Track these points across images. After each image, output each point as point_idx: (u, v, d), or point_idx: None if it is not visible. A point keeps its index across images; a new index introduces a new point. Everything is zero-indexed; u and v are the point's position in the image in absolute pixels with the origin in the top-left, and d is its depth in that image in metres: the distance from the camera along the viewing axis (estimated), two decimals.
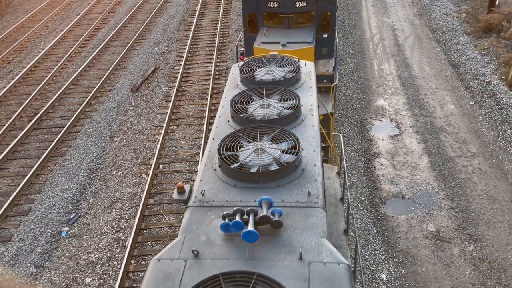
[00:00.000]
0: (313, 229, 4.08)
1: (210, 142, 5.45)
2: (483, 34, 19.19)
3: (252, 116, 5.58)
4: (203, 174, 4.89)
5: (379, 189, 12.13)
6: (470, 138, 13.84)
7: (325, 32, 12.28)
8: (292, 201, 4.41)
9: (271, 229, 4.02)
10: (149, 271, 3.74)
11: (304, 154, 4.99)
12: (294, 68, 6.81)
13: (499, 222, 10.81)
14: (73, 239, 10.63)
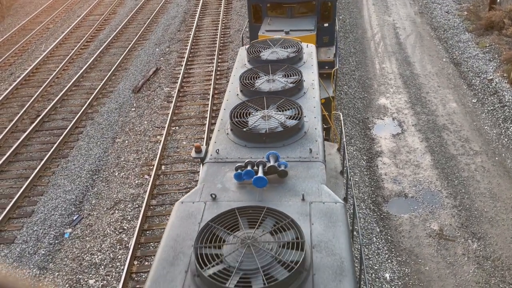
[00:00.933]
0: (314, 177, 4.79)
1: (222, 112, 6.15)
2: (485, 31, 19.14)
3: (259, 89, 6.26)
4: (217, 137, 5.58)
5: (381, 188, 12.11)
6: (472, 136, 13.79)
7: (326, 22, 12.85)
8: (296, 157, 5.10)
9: (278, 178, 4.71)
10: (174, 212, 4.42)
11: (306, 120, 5.66)
12: (296, 49, 7.48)
13: (502, 220, 10.77)
14: (76, 241, 10.64)
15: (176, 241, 4.03)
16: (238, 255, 3.60)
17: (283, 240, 3.74)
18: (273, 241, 3.73)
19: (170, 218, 4.36)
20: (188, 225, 4.21)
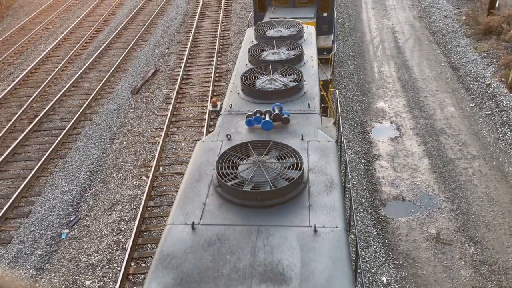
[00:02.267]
0: (312, 124, 5.95)
1: (233, 77, 7.36)
2: (483, 36, 19.21)
3: (266, 59, 7.37)
4: (229, 96, 6.81)
5: (379, 191, 12.13)
6: (470, 140, 13.83)
7: (325, 11, 13.95)
8: (297, 110, 6.27)
9: (282, 125, 5.85)
10: (196, 148, 5.62)
11: (306, 83, 6.85)
12: (298, 28, 8.69)
13: (499, 225, 10.79)
14: (73, 242, 10.62)
15: (200, 166, 5.21)
16: (251, 171, 4.69)
17: (286, 163, 4.83)
18: (278, 163, 4.83)
19: (193, 154, 5.57)
20: (209, 156, 5.36)
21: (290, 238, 4.15)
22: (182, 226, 4.43)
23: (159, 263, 3.98)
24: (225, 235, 4.23)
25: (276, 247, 4.07)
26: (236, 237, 4.19)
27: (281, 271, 3.81)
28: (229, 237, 4.20)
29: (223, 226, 4.34)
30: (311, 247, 4.06)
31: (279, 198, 4.50)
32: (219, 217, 4.44)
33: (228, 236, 4.21)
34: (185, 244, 4.17)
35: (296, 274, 3.78)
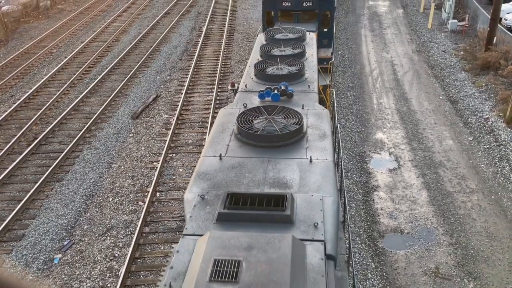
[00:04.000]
0: (310, 100, 7.59)
1: (247, 68, 9.17)
2: (481, 71, 19.50)
3: (274, 54, 9.12)
4: (244, 80, 8.52)
5: (377, 223, 12.01)
6: (469, 174, 13.81)
7: (326, 27, 15.70)
8: (299, 90, 7.91)
9: (287, 98, 7.46)
10: (219, 113, 7.20)
11: (307, 72, 8.56)
12: (301, 33, 10.51)
13: (499, 260, 10.64)
14: (65, 267, 10.42)
15: (223, 123, 6.82)
16: (263, 124, 6.34)
17: (290, 120, 6.43)
18: (284, 120, 6.43)
19: (217, 117, 7.09)
20: (230, 117, 6.94)
21: (292, 165, 5.71)
22: (212, 157, 5.97)
23: (197, 177, 5.54)
24: (244, 163, 5.78)
25: (282, 170, 5.61)
26: (252, 164, 5.76)
27: (285, 182, 5.34)
28: (247, 164, 5.75)
29: (243, 158, 5.90)
30: (307, 169, 5.62)
31: (284, 141, 6.11)
32: (239, 153, 6.03)
33: (246, 164, 5.76)
34: (215, 167, 5.73)
35: (296, 184, 5.31)
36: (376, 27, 27.86)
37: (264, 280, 3.62)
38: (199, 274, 3.69)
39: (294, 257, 3.92)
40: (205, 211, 4.85)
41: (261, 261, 3.83)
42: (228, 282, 3.58)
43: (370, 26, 28.00)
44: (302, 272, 3.92)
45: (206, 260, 3.84)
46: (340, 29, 26.85)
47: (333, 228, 4.68)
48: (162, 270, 4.08)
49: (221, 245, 4.01)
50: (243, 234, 4.15)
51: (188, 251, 4.23)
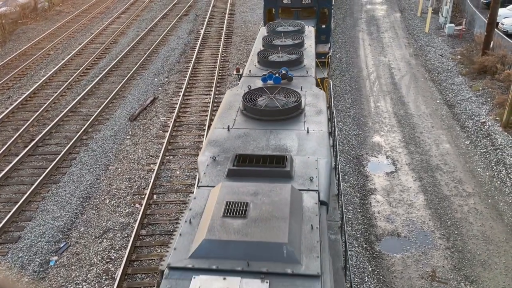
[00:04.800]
0: (308, 83, 8.35)
1: (250, 56, 9.94)
2: (478, 75, 19.57)
3: (276, 44, 9.95)
4: (248, 67, 9.33)
5: (374, 226, 12.01)
6: (465, 178, 13.84)
7: (324, 24, 16.58)
8: (298, 75, 8.66)
9: (287, 82, 8.18)
10: (226, 94, 7.96)
11: (305, 59, 9.38)
12: (301, 26, 11.40)
13: (495, 264, 10.66)
14: (61, 269, 10.38)
15: (230, 102, 7.62)
16: (265, 101, 7.09)
17: (290, 98, 7.21)
18: (284, 98, 7.21)
19: (224, 98, 7.87)
20: (236, 97, 7.72)
21: (291, 135, 6.54)
22: (220, 129, 6.77)
23: (208, 144, 6.35)
24: (249, 133, 6.61)
25: (282, 138, 6.43)
26: (257, 134, 6.57)
27: (285, 148, 6.16)
28: (252, 134, 6.58)
29: (248, 129, 6.74)
30: (305, 138, 6.43)
31: (285, 115, 6.93)
32: (245, 125, 6.86)
33: (251, 134, 6.59)
34: (224, 136, 6.54)
35: (295, 149, 6.13)
36: (373, 30, 27.95)
37: (268, 216, 4.47)
38: (214, 212, 4.54)
39: (293, 200, 4.76)
40: (216, 169, 5.72)
41: (265, 203, 4.68)
42: (238, 217, 4.46)
43: (367, 30, 28.09)
44: (299, 212, 4.75)
45: (220, 202, 4.69)
46: (338, 33, 26.92)
47: (325, 181, 5.51)
48: (179, 220, 5.35)
49: (232, 191, 4.89)
50: (250, 184, 5.04)
51: (203, 198, 5.10)
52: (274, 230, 4.30)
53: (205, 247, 4.21)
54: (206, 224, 4.43)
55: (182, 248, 4.34)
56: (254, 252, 4.16)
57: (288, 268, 4.06)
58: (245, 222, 4.40)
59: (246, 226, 4.35)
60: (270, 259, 4.14)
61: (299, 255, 4.19)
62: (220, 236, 4.25)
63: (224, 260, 4.14)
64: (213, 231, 4.29)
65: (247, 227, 4.35)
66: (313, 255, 4.22)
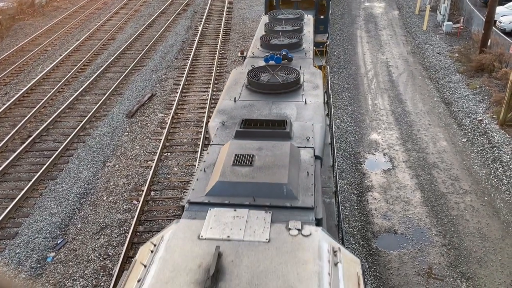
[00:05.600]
0: (306, 63, 9.27)
1: (254, 40, 11.11)
2: (475, 73, 19.62)
3: (277, 29, 11.10)
4: (252, 49, 10.37)
5: (371, 223, 12.06)
6: (462, 175, 13.90)
7: (322, 15, 17.66)
8: (297, 56, 9.56)
9: (287, 62, 9.05)
10: (232, 72, 8.85)
11: (304, 43, 10.41)
12: (300, 14, 12.75)
13: (491, 261, 10.72)
14: (58, 265, 10.38)
15: (235, 79, 8.49)
16: (268, 77, 8.06)
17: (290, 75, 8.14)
18: (285, 75, 8.09)
19: (230, 76, 8.77)
20: (241, 75, 8.67)
21: (291, 105, 7.44)
22: (228, 100, 7.66)
23: (217, 112, 7.25)
24: (253, 104, 7.52)
25: (283, 108, 7.33)
26: (260, 105, 7.47)
27: (285, 115, 7.07)
28: (255, 105, 7.49)
29: (252, 101, 7.63)
30: (303, 107, 7.33)
31: (285, 89, 7.86)
32: (250, 98, 7.78)
33: (255, 105, 7.50)
34: (231, 106, 7.44)
35: (294, 116, 7.04)
36: (371, 28, 27.96)
37: (271, 164, 5.39)
38: (225, 162, 5.44)
39: (292, 154, 5.66)
40: (225, 132, 6.65)
41: (268, 155, 5.60)
42: (245, 165, 5.37)
43: (365, 27, 28.10)
44: (297, 162, 5.67)
45: (230, 155, 5.59)
46: (336, 30, 26.92)
47: (320, 141, 6.43)
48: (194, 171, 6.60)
49: (239, 147, 5.80)
50: (255, 141, 5.98)
51: (215, 153, 6.06)
52: (276, 174, 5.21)
53: (218, 187, 5.10)
54: (218, 170, 5.35)
55: (199, 189, 5.26)
56: (259, 191, 5.04)
57: (287, 203, 4.93)
58: (251, 169, 5.32)
59: (253, 172, 5.28)
60: (273, 196, 5.00)
61: (297, 193, 5.08)
62: (231, 179, 5.15)
63: (234, 197, 5.01)
64: (225, 175, 5.21)
65: (253, 172, 5.28)
66: (308, 194, 5.13)
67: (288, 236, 4.45)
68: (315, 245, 4.36)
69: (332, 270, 4.22)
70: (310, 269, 4.08)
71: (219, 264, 4.07)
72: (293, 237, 4.44)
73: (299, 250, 4.29)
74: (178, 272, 4.04)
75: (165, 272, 4.06)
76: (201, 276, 3.98)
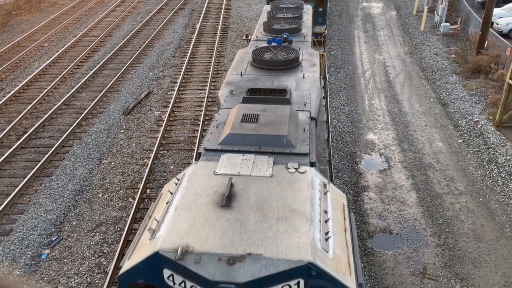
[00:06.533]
0: (305, 45, 10.38)
1: (257, 26, 12.29)
2: (472, 74, 19.68)
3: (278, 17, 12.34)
4: (255, 33, 11.55)
5: (367, 223, 12.08)
6: (458, 176, 13.95)
7: (321, 7, 19.03)
8: (297, 40, 10.62)
9: (288, 44, 9.91)
10: (238, 53, 10.01)
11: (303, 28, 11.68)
12: (300, 4, 14.08)
13: (485, 262, 10.77)
14: (53, 262, 10.35)
15: (241, 58, 9.59)
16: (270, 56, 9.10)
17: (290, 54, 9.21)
18: (286, 54, 9.13)
19: (236, 55, 9.79)
20: (246, 55, 9.76)
21: (290, 79, 8.54)
22: (235, 74, 8.73)
23: (226, 84, 8.38)
24: (257, 77, 8.64)
25: (284, 81, 8.38)
26: (263, 78, 8.53)
27: (285, 87, 7.98)
28: (259, 78, 8.55)
29: (256, 75, 8.67)
30: (301, 81, 8.40)
31: (286, 66, 8.97)
32: (254, 72, 8.87)
33: (259, 78, 8.60)
34: (238, 79, 8.53)
35: (293, 87, 8.15)
36: (369, 28, 27.99)
37: (273, 121, 6.51)
38: (234, 120, 6.57)
39: (291, 114, 6.77)
40: (233, 99, 7.75)
41: (271, 115, 6.68)
42: (252, 122, 6.48)
43: (363, 28, 28.13)
44: (295, 120, 6.79)
45: (238, 114, 6.68)
46: (333, 30, 26.93)
47: (315, 107, 7.56)
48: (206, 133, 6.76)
49: (246, 109, 6.89)
50: (259, 105, 7.06)
51: (225, 114, 7.14)
52: (277, 128, 6.34)
53: (229, 138, 6.25)
54: (229, 125, 6.48)
55: (213, 140, 6.42)
56: (264, 141, 6.14)
57: (286, 150, 6.06)
58: (257, 125, 6.43)
59: (258, 127, 6.39)
60: (275, 145, 6.12)
61: (295, 143, 6.19)
62: (240, 131, 6.28)
63: (243, 146, 6.13)
64: (235, 129, 6.34)
65: (258, 127, 6.38)
66: (304, 144, 6.26)
67: (287, 173, 5.56)
68: (309, 179, 5.43)
69: (322, 197, 5.30)
70: (305, 194, 5.15)
71: (232, 190, 5.14)
72: (291, 173, 5.56)
73: (296, 182, 5.36)
74: (199, 196, 5.15)
75: (188, 196, 5.16)
76: (218, 198, 5.06)
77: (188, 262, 4.32)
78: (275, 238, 4.53)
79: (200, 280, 4.30)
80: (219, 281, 4.22)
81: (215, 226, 4.69)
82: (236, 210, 4.88)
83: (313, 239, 4.55)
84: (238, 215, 4.82)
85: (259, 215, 4.83)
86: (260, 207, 4.92)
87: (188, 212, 4.89)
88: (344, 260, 4.79)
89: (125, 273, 4.71)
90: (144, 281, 4.69)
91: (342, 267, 4.68)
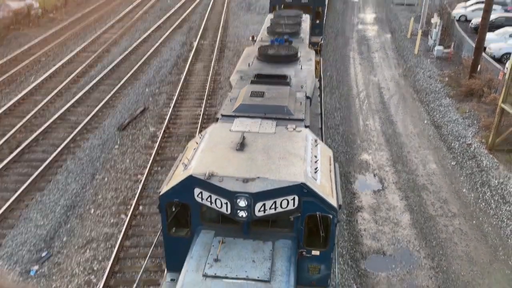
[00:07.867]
0: (303, 45, 12.85)
1: (262, 30, 14.84)
2: (465, 98, 19.93)
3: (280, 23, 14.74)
4: (260, 36, 14.26)
5: (360, 244, 12.02)
6: (451, 198, 13.98)
7: (318, 19, 20.43)
8: (296, 41, 12.95)
9: (288, 44, 12.24)
10: (244, 50, 12.41)
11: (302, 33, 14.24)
12: (299, 14, 16.43)
13: (478, 285, 10.71)
14: (41, 279, 10.16)
15: (248, 53, 11.77)
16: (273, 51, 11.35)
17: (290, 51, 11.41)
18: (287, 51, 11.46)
19: (243, 52, 12.01)
20: (252, 51, 11.77)
21: (290, 68, 10.43)
22: (243, 65, 10.64)
23: (236, 71, 10.36)
24: (263, 68, 10.47)
25: (284, 71, 10.11)
26: (268, 69, 10.35)
27: (284, 75, 9.65)
28: (264, 68, 10.35)
29: (262, 67, 10.47)
30: (299, 71, 10.39)
31: (287, 60, 10.92)
32: (260, 65, 10.69)
33: (264, 68, 10.39)
34: (246, 69, 10.45)
35: (293, 76, 9.93)
36: (364, 50, 28.38)
37: (276, 96, 8.37)
38: (245, 95, 8.43)
39: (290, 93, 8.68)
40: (243, 82, 9.55)
41: (274, 92, 8.53)
42: (258, 97, 8.31)
43: (358, 49, 28.52)
44: (294, 97, 8.66)
45: (247, 92, 8.58)
46: (329, 51, 27.27)
47: (310, 89, 9.50)
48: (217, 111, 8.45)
49: (254, 88, 8.78)
50: (265, 85, 8.91)
51: (236, 93, 8.92)
52: (279, 100, 8.19)
53: (241, 107, 8.06)
54: (240, 99, 8.31)
55: (227, 109, 8.23)
56: (268, 110, 7.93)
57: (286, 116, 7.86)
58: (263, 98, 8.25)
59: (264, 100, 8.21)
60: (277, 113, 7.91)
61: (293, 112, 8.01)
62: (249, 102, 8.14)
63: (252, 113, 7.91)
64: (245, 100, 8.20)
65: (264, 100, 8.20)
66: (301, 113, 8.12)
67: (287, 131, 7.44)
68: (303, 135, 7.34)
69: (313, 148, 7.19)
70: (300, 144, 7.09)
71: (244, 140, 6.96)
72: (290, 132, 7.43)
73: (293, 137, 7.28)
74: (219, 144, 6.96)
75: (210, 144, 7.00)
76: (233, 145, 6.85)
77: (214, 181, 6.02)
78: (277, 169, 6.31)
79: (223, 192, 5.96)
80: (237, 191, 5.91)
81: (232, 162, 6.46)
82: (247, 153, 6.70)
83: (305, 170, 6.35)
84: (250, 156, 6.62)
85: (265, 156, 6.62)
86: (266, 151, 6.74)
87: (211, 153, 6.72)
88: (328, 188, 6.53)
89: (165, 194, 6.35)
90: (179, 200, 6.35)
91: (327, 191, 6.41)
